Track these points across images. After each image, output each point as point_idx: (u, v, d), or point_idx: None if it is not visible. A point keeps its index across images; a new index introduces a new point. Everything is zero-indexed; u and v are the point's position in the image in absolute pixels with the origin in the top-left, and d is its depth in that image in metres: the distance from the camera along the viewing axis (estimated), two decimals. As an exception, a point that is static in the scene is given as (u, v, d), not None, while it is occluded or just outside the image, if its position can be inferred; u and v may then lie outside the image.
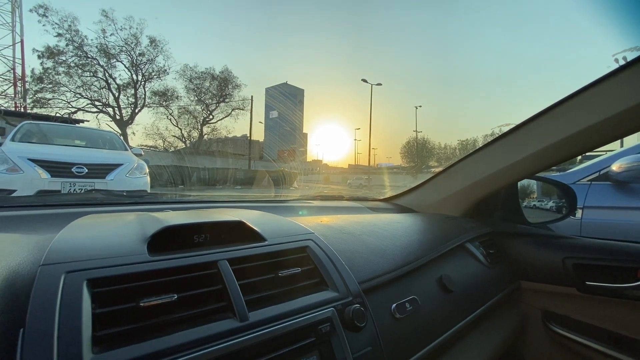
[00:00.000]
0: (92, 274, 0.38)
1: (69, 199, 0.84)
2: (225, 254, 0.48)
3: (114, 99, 21.99)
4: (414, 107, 45.01)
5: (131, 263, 0.41)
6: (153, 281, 0.40)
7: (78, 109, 20.83)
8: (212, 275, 0.45)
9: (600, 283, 0.90)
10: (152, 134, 24.61)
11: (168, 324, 0.38)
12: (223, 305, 0.43)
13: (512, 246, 1.11)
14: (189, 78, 24.95)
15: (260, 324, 0.42)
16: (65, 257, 0.39)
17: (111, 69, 21.72)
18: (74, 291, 0.35)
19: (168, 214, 0.63)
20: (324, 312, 0.48)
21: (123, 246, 0.44)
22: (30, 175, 3.77)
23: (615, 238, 0.98)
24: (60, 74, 19.95)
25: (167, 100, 24.14)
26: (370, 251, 0.71)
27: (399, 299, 0.64)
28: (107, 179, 4.26)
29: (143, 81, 23.05)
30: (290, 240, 0.58)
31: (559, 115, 0.86)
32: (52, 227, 0.57)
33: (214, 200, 1.03)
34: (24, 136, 4.72)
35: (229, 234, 0.54)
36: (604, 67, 0.80)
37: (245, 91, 55.32)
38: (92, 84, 21.20)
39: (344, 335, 0.48)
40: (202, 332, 0.38)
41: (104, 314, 0.36)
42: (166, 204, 0.91)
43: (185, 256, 0.45)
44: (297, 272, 0.52)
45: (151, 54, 22.91)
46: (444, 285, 0.76)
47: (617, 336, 0.88)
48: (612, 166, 2.15)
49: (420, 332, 0.65)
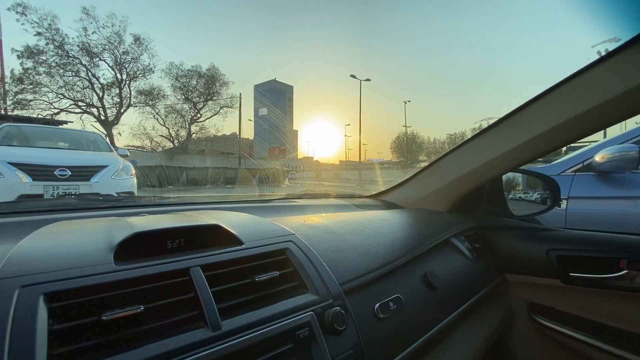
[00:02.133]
0: (49, 287, 0.35)
1: (40, 205, 0.80)
2: (199, 259, 0.46)
3: (98, 99, 21.45)
4: (403, 102, 45.19)
5: (94, 274, 0.38)
6: (118, 292, 0.38)
7: (61, 109, 20.23)
8: (184, 283, 0.43)
9: (583, 274, 0.91)
10: (139, 134, 24.10)
11: (135, 337, 0.36)
12: (195, 314, 0.41)
13: (497, 240, 1.11)
14: (175, 76, 24.51)
15: (233, 332, 0.40)
16: (21, 269, 0.36)
17: (94, 68, 21.15)
18: (28, 307, 0.33)
19: (143, 218, 0.60)
20: (302, 317, 0.46)
21: (87, 255, 0.41)
22: (11, 180, 3.65)
23: (599, 229, 0.99)
24: (41, 74, 19.32)
25: (153, 100, 23.65)
26: (354, 250, 0.70)
27: (382, 298, 0.63)
28: (91, 181, 4.16)
29: (128, 80, 22.54)
30: (270, 242, 0.56)
31: (541, 108, 0.86)
32: (17, 236, 0.54)
33: (196, 202, 1.00)
34: (3, 139, 4.56)
35: (205, 238, 0.52)
36: (584, 59, 0.80)
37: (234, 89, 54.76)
38: (75, 84, 20.59)
39: (323, 340, 0.46)
40: (170, 344, 0.36)
41: (63, 330, 0.33)
42: (144, 207, 0.88)
43: (154, 264, 0.43)
44: (276, 276, 0.51)
45: (135, 52, 22.40)
46: (428, 282, 0.76)
47: (600, 326, 0.89)
48: (595, 157, 2.19)
49: (405, 331, 0.64)
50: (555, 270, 0.95)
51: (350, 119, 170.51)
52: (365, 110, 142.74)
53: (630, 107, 0.73)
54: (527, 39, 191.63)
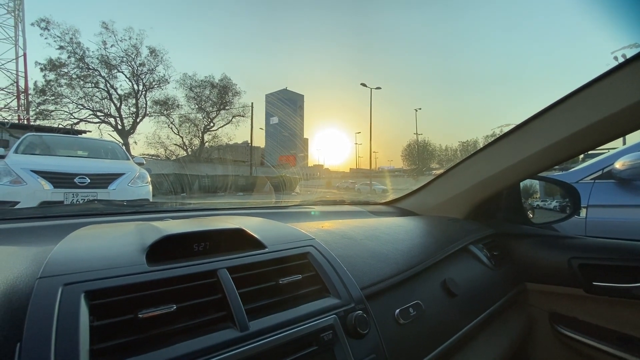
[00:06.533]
0: (89, 285, 0.37)
1: (69, 210, 0.84)
2: (225, 262, 0.48)
3: (116, 109, 22.18)
4: (414, 110, 45.02)
5: (129, 274, 0.40)
6: (152, 292, 0.40)
7: (80, 119, 21.07)
8: (212, 284, 0.45)
9: (607, 283, 0.89)
10: (154, 143, 24.75)
11: (168, 335, 0.38)
12: (223, 314, 0.42)
13: (516, 247, 1.09)
14: (189, 87, 25.17)
15: (261, 333, 0.41)
16: (63, 269, 0.39)
17: (112, 79, 21.94)
18: (71, 304, 0.35)
19: (168, 222, 0.63)
20: (326, 320, 0.47)
21: (122, 257, 0.43)
22: (33, 187, 3.79)
23: (620, 237, 0.97)
24: (62, 86, 20.19)
25: (168, 109, 24.31)
26: (372, 256, 0.71)
27: (402, 304, 0.63)
28: (109, 188, 4.27)
29: (144, 91, 23.25)
30: (291, 246, 0.57)
31: (559, 115, 0.86)
32: (52, 238, 0.57)
33: (215, 207, 1.02)
34: (27, 148, 4.75)
35: (229, 241, 0.53)
36: (603, 65, 0.80)
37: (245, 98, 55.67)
38: (94, 95, 21.42)
39: (346, 343, 0.47)
40: (202, 343, 0.37)
41: (103, 326, 0.35)
42: (167, 212, 0.91)
43: (183, 265, 0.45)
44: (298, 279, 0.52)
45: (151, 64, 23.15)
46: (448, 289, 0.75)
47: (626, 337, 0.86)
48: (616, 164, 2.14)
49: (425, 337, 0.64)
50: (578, 279, 0.93)
51: (360, 127, 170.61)
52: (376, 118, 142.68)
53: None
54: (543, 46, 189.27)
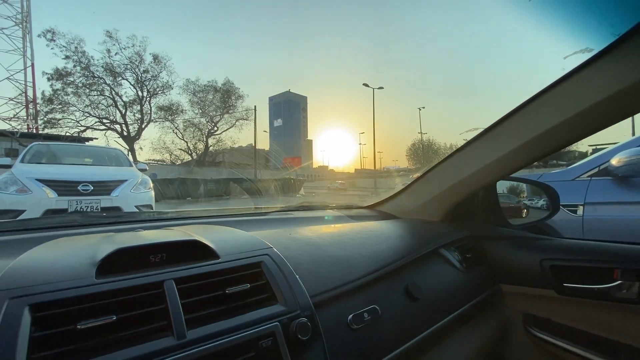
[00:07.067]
0: (34, 299, 0.40)
1: (45, 222, 0.87)
2: (174, 273, 0.50)
3: (121, 116, 22.58)
4: (417, 109, 44.79)
5: (74, 287, 0.43)
6: (94, 304, 0.42)
7: (87, 127, 21.51)
8: (159, 295, 0.47)
9: (577, 284, 0.90)
10: (159, 148, 25.16)
11: (106, 344, 0.40)
12: (163, 324, 0.44)
13: (491, 249, 1.10)
14: (193, 92, 25.52)
15: (198, 341, 0.43)
16: (13, 283, 0.41)
17: (117, 87, 22.37)
18: (14, 316, 0.37)
19: (133, 234, 0.65)
20: (267, 327, 0.49)
21: (72, 270, 0.46)
22: (39, 195, 3.88)
23: (618, 236, 0.97)
24: (69, 95, 20.64)
25: (172, 115, 24.67)
26: (333, 262, 0.72)
27: (357, 309, 0.65)
28: (112, 195, 4.34)
29: (148, 97, 23.63)
30: (245, 256, 0.59)
31: (529, 114, 0.86)
32: (18, 252, 0.60)
33: (192, 216, 1.05)
34: (33, 157, 4.86)
35: (185, 252, 0.56)
36: (559, 70, 0.81)
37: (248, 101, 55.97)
38: (100, 103, 21.88)
39: (286, 350, 0.48)
40: (137, 351, 0.39)
41: (43, 338, 0.38)
42: (142, 222, 0.94)
43: (131, 277, 0.47)
44: (246, 288, 0.54)
45: (155, 70, 23.53)
46: (410, 293, 0.77)
47: (596, 338, 0.87)
48: (612, 160, 2.12)
49: (380, 341, 0.65)
50: (549, 281, 0.94)
51: (364, 127, 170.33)
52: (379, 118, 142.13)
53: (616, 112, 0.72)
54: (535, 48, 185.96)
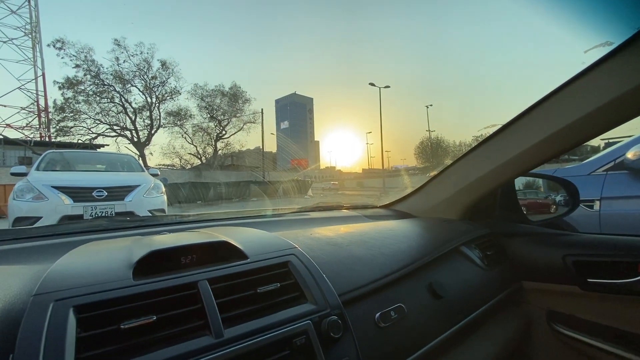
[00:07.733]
0: (78, 300, 0.41)
1: (74, 227, 0.90)
2: (206, 274, 0.51)
3: (131, 122, 22.88)
4: (425, 107, 44.44)
5: (115, 288, 0.44)
6: (135, 304, 0.44)
7: (98, 134, 21.87)
8: (193, 295, 0.49)
9: (601, 280, 0.88)
10: (169, 153, 25.42)
11: (148, 343, 0.42)
12: (201, 323, 0.46)
13: (511, 246, 1.09)
14: (200, 96, 25.71)
15: (235, 339, 0.44)
16: (56, 286, 0.43)
17: (127, 93, 22.65)
18: (60, 318, 0.39)
19: (163, 236, 0.67)
20: (300, 325, 0.50)
21: (110, 272, 0.48)
22: (55, 202, 3.98)
23: (636, 230, 0.96)
24: (80, 103, 20.96)
25: (181, 120, 24.90)
26: (356, 261, 0.73)
27: (383, 307, 0.66)
28: (125, 200, 4.42)
29: (157, 103, 23.89)
30: (272, 256, 0.60)
31: (550, 109, 0.86)
32: (53, 256, 0.62)
33: (213, 218, 1.07)
34: (47, 165, 4.97)
35: (215, 253, 0.57)
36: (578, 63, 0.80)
37: (255, 104, 56.50)
38: (110, 110, 22.17)
39: (319, 347, 0.49)
40: (177, 350, 0.41)
41: (89, 338, 0.39)
42: (167, 225, 0.96)
43: (166, 279, 0.48)
44: (276, 287, 0.55)
45: (163, 76, 23.77)
46: (433, 291, 0.77)
47: (623, 333, 0.85)
48: (627, 154, 2.08)
49: (407, 339, 0.66)
50: (573, 277, 0.93)
51: (371, 127, 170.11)
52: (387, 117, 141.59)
53: (632, 107, 0.72)
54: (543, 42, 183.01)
